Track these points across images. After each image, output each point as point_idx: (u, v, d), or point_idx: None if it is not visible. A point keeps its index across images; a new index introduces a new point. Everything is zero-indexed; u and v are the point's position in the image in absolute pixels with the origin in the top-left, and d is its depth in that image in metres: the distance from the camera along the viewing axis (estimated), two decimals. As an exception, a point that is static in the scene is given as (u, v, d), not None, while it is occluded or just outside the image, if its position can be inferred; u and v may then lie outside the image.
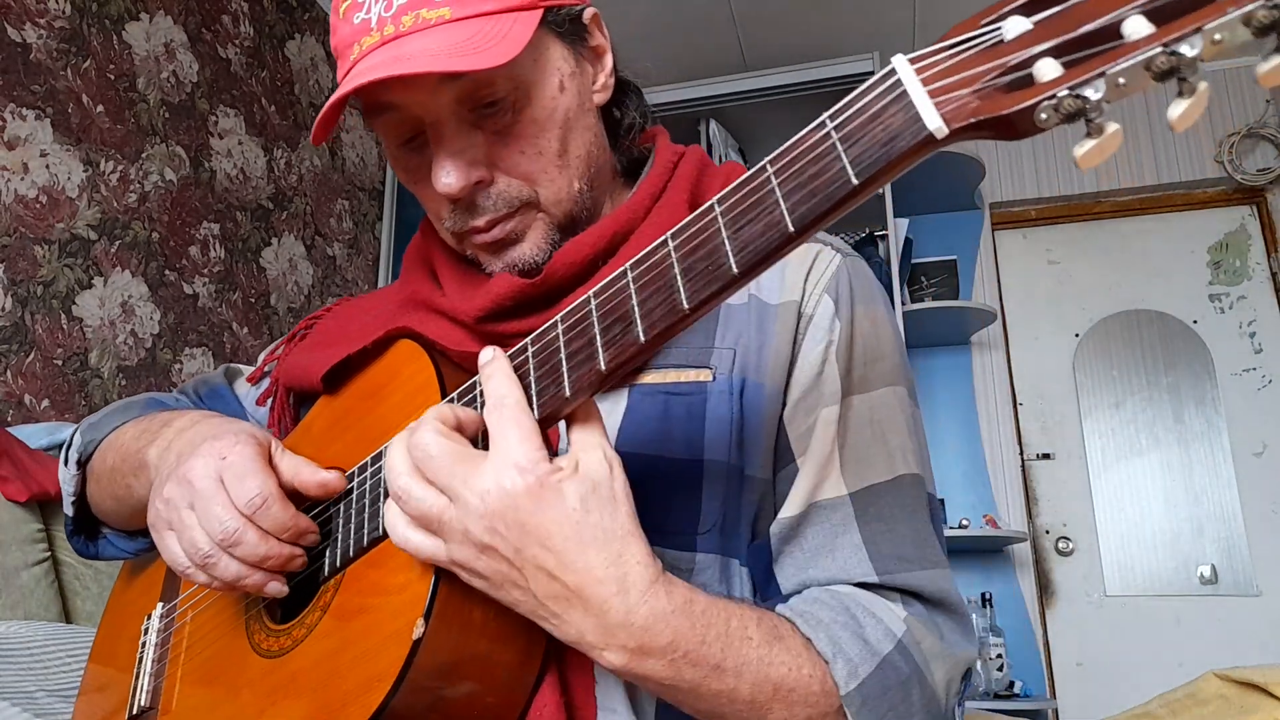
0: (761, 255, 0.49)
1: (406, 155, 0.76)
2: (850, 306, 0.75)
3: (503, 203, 0.73)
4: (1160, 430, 3.33)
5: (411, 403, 0.71)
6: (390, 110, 0.72)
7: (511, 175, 0.73)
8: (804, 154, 0.48)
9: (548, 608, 0.56)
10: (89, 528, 0.94)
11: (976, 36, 0.42)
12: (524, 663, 0.63)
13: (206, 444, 0.70)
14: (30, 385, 2.00)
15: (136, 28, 2.36)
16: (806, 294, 0.75)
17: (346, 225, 3.24)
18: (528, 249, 0.75)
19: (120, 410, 0.91)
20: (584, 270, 0.73)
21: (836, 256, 0.77)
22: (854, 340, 0.74)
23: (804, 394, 0.72)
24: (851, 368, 0.73)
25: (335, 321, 0.93)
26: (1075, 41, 0.40)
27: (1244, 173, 3.36)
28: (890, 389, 0.74)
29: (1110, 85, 0.39)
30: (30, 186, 2.02)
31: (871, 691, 0.61)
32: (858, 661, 0.62)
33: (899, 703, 0.62)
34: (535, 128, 0.72)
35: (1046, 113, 0.40)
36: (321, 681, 0.64)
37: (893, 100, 0.44)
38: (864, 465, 0.71)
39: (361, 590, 0.66)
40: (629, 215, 0.75)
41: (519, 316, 0.74)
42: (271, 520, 0.66)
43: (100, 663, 0.91)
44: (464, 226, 0.74)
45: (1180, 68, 0.37)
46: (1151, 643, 3.15)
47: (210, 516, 0.66)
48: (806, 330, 0.74)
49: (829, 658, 0.61)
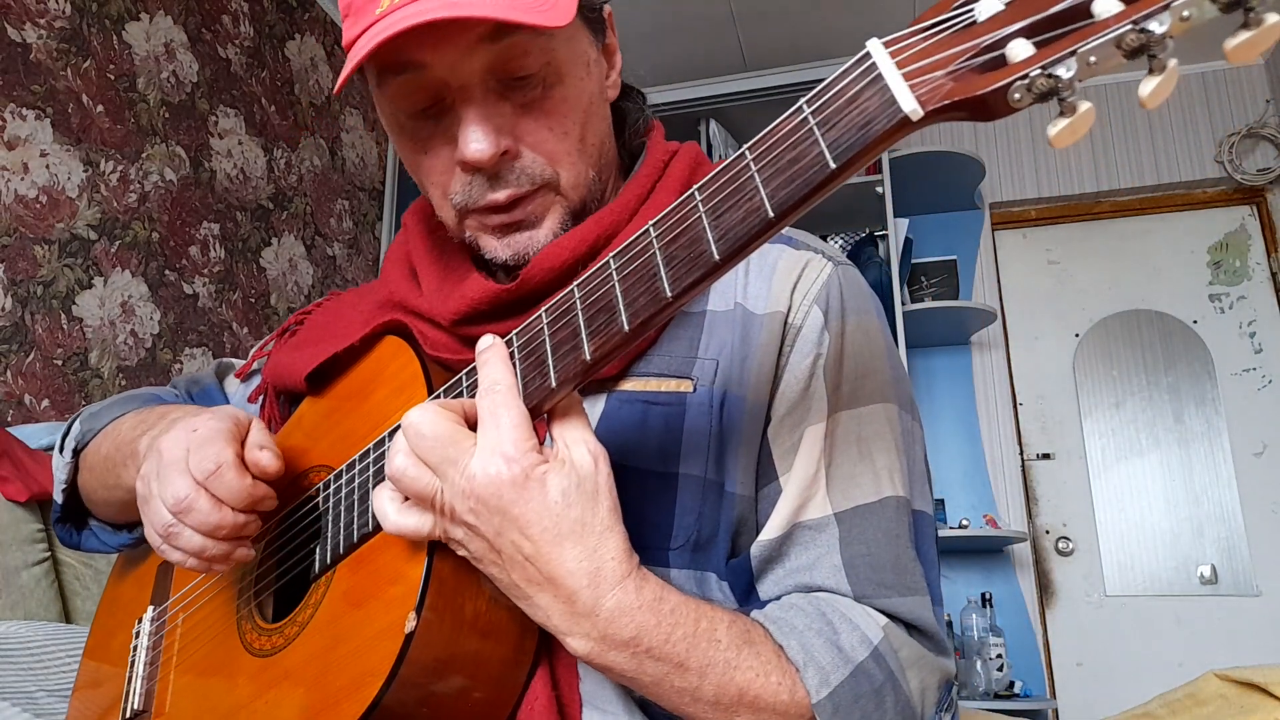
0: (743, 242, 0.49)
1: (419, 124, 0.71)
2: (841, 318, 0.72)
3: (526, 179, 0.70)
4: (1160, 430, 3.33)
5: (398, 398, 0.71)
6: (414, 70, 0.67)
7: (536, 152, 0.70)
8: (782, 139, 0.48)
9: (520, 589, 0.57)
10: (76, 517, 0.94)
11: (950, 18, 0.43)
12: (516, 658, 0.63)
13: (184, 420, 0.71)
14: (30, 385, 2.00)
15: (136, 28, 2.37)
16: (794, 305, 0.72)
17: (346, 225, 3.25)
18: (543, 235, 0.72)
19: (121, 402, 0.92)
20: (561, 275, 0.70)
21: (828, 265, 0.75)
22: (844, 354, 0.72)
23: (790, 409, 0.70)
24: (840, 383, 0.71)
25: (323, 317, 0.92)
26: (1047, 21, 0.40)
27: (1244, 173, 3.36)
28: (881, 406, 0.72)
29: (1082, 64, 0.39)
30: (30, 186, 2.03)
31: (844, 699, 0.60)
32: (829, 669, 0.61)
33: (872, 710, 0.61)
34: (564, 107, 0.70)
35: (1020, 92, 0.40)
36: (314, 678, 0.64)
37: (868, 84, 0.45)
38: (850, 485, 0.69)
39: (352, 587, 0.66)
40: (613, 219, 0.73)
41: (495, 320, 0.72)
42: (225, 488, 0.66)
43: (94, 660, 0.91)
44: (480, 200, 0.71)
45: (1150, 45, 0.37)
46: (1151, 643, 3.14)
47: (168, 485, 0.67)
48: (794, 343, 0.71)
49: (800, 665, 0.61)
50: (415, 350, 0.72)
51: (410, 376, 0.71)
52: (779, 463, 0.70)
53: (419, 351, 0.72)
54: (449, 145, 0.70)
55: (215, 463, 0.66)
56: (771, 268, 0.74)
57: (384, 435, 0.68)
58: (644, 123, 0.83)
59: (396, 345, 0.75)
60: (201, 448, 0.67)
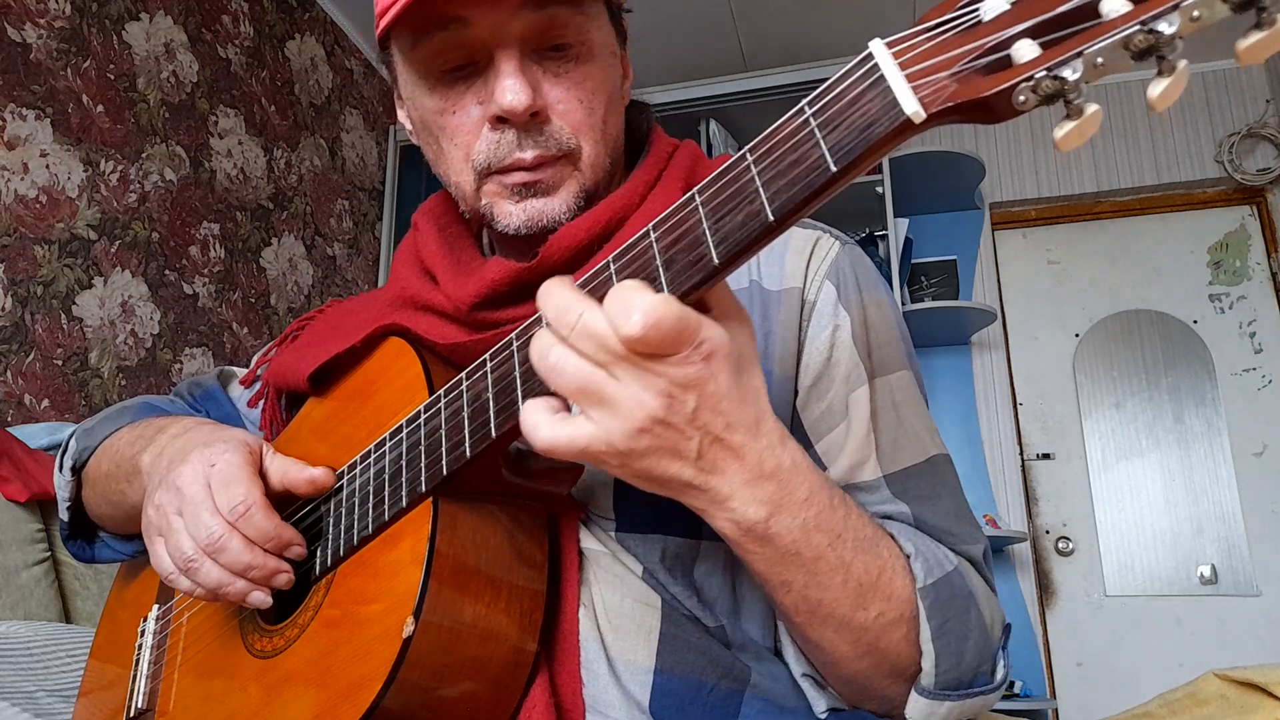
0: (743, 246, 0.49)
1: (450, 83, 0.72)
2: (857, 291, 0.75)
3: (553, 143, 0.71)
4: (1160, 430, 3.33)
5: (398, 400, 0.71)
6: (455, 26, 0.68)
7: (564, 120, 0.71)
8: (782, 142, 0.48)
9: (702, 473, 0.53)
10: (85, 532, 0.94)
11: (955, 18, 0.42)
12: (515, 660, 0.63)
13: (197, 451, 0.70)
14: (30, 385, 2.00)
15: (136, 28, 2.36)
16: (808, 280, 0.75)
17: (346, 225, 3.24)
18: (558, 204, 0.72)
19: (114, 416, 0.92)
20: (579, 255, 0.71)
21: (835, 243, 0.78)
22: (867, 325, 0.75)
23: (816, 379, 0.73)
24: (871, 352, 0.74)
25: (326, 323, 0.93)
26: (1053, 21, 0.39)
27: (1244, 173, 3.36)
28: (906, 372, 0.75)
29: (1088, 65, 0.38)
30: (30, 186, 2.02)
31: (941, 595, 0.62)
32: (932, 564, 0.63)
33: (962, 613, 0.63)
34: (592, 84, 0.72)
35: (1025, 95, 0.40)
36: (314, 681, 0.64)
37: (870, 85, 0.44)
38: (896, 449, 0.72)
39: (352, 589, 0.66)
40: (624, 201, 0.74)
41: (514, 303, 0.72)
42: (254, 528, 0.66)
43: (100, 661, 0.92)
44: (505, 158, 0.71)
45: (1159, 46, 0.37)
46: (1151, 643, 3.14)
47: (197, 522, 0.66)
48: (810, 316, 0.74)
49: (910, 553, 0.63)
50: (416, 351, 0.72)
51: (412, 377, 0.71)
52: (811, 431, 0.73)
53: (420, 352, 0.72)
54: (479, 104, 0.71)
55: (245, 505, 0.66)
56: (784, 245, 0.77)
57: (384, 437, 0.68)
58: (648, 126, 0.85)
59: (399, 346, 0.75)
60: (227, 486, 0.67)
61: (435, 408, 0.64)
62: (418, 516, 0.63)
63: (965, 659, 0.64)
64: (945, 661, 0.62)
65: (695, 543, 0.70)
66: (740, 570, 0.73)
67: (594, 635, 0.67)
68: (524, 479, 0.66)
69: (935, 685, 0.63)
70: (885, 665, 0.63)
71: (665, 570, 0.70)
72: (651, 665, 0.66)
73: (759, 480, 0.54)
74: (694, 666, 0.67)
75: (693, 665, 0.67)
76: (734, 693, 0.68)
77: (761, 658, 0.72)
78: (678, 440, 0.52)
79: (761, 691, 0.69)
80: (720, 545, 0.71)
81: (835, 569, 0.58)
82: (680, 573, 0.71)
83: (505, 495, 0.66)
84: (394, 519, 0.65)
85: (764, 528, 0.55)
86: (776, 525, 0.55)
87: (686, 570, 0.71)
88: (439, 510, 0.62)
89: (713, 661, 0.68)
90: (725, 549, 0.72)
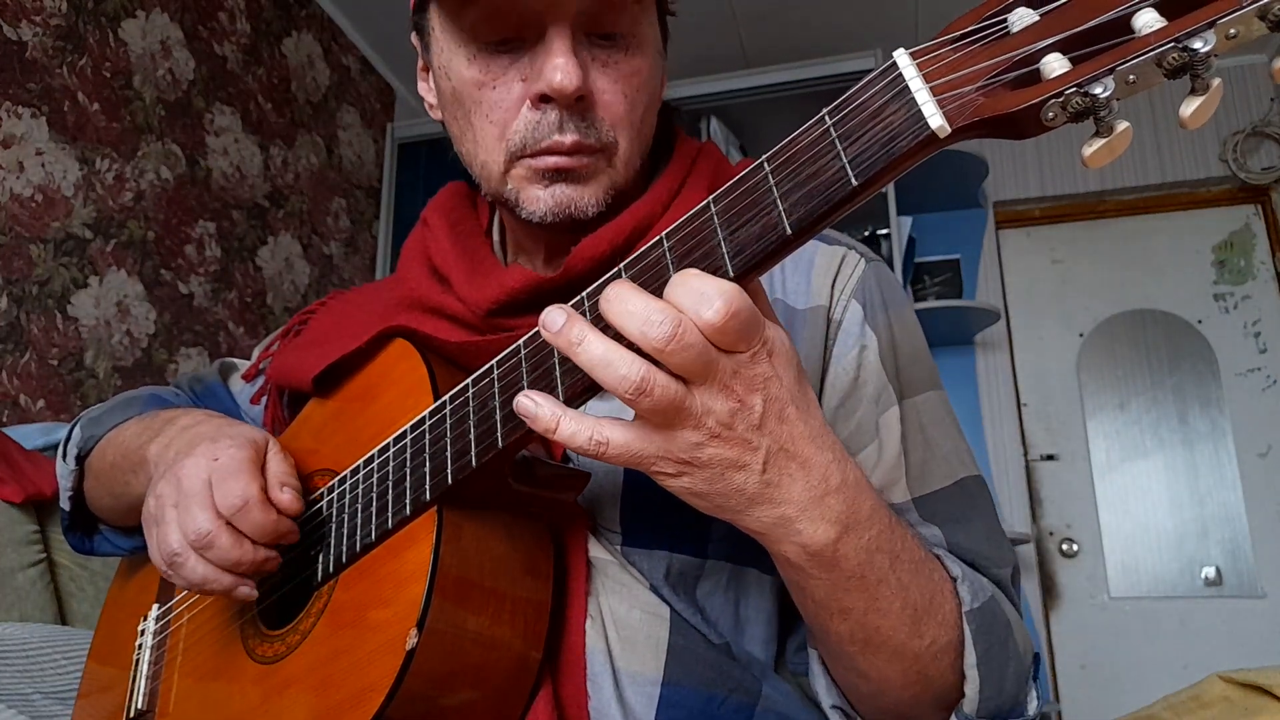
0: (759, 259, 0.47)
1: (493, 55, 0.69)
2: (884, 311, 0.74)
3: (593, 132, 0.68)
4: (1165, 431, 3.31)
5: (402, 403, 0.70)
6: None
7: (606, 113, 0.69)
8: (802, 152, 0.46)
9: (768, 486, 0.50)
10: (85, 524, 0.93)
11: (981, 29, 0.40)
12: (519, 671, 0.63)
13: (203, 445, 0.70)
14: (25, 385, 1.98)
15: (132, 25, 2.34)
16: (835, 299, 0.73)
17: (343, 224, 3.22)
18: (589, 195, 0.69)
19: (122, 406, 0.91)
20: (603, 267, 0.68)
21: (861, 261, 0.76)
22: (896, 345, 0.73)
23: (843, 399, 0.71)
24: (899, 372, 0.73)
25: (329, 318, 0.91)
26: (1084, 35, 0.38)
27: (1249, 171, 3.34)
28: (934, 392, 0.74)
29: (1120, 82, 0.37)
30: (25, 185, 2.00)
31: (985, 620, 0.61)
32: (975, 589, 0.62)
33: (1002, 641, 0.62)
34: (637, 79, 0.70)
35: (1054, 111, 0.38)
36: (315, 689, 0.63)
37: (893, 97, 0.43)
38: (924, 473, 0.70)
39: (354, 598, 0.65)
40: (647, 210, 0.72)
41: (531, 311, 0.70)
42: (250, 523, 0.66)
43: (99, 662, 0.91)
44: (544, 139, 0.67)
45: (1193, 64, 0.35)
46: (1156, 645, 3.13)
47: (189, 516, 0.66)
48: (836, 336, 0.72)
49: (957, 575, 0.61)
50: (421, 354, 0.72)
51: (417, 380, 0.70)
52: None
53: (425, 355, 0.71)
54: (521, 80, 0.68)
55: (242, 499, 0.65)
56: (809, 263, 0.75)
57: (388, 442, 0.68)
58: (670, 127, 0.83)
59: (404, 348, 0.74)
60: (225, 481, 0.66)
61: (440, 414, 0.64)
62: (422, 525, 0.62)
63: (1005, 687, 0.62)
64: (989, 689, 0.61)
65: (700, 561, 0.69)
66: (744, 590, 0.72)
67: (601, 647, 0.66)
68: (530, 486, 0.65)
69: (976, 713, 0.61)
70: (930, 693, 0.61)
71: (669, 587, 0.69)
72: (659, 677, 0.65)
73: (826, 496, 0.51)
74: (704, 679, 0.66)
75: (702, 677, 0.66)
76: (745, 706, 0.67)
77: (767, 675, 0.71)
78: (739, 453, 0.49)
79: (773, 706, 0.68)
80: (724, 565, 0.70)
81: (895, 593, 0.56)
82: (684, 590, 0.70)
83: (510, 503, 0.65)
84: (397, 526, 0.64)
85: (832, 550, 0.52)
86: (845, 546, 0.52)
87: (690, 588, 0.70)
88: (443, 520, 0.61)
89: (723, 674, 0.67)
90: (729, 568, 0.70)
